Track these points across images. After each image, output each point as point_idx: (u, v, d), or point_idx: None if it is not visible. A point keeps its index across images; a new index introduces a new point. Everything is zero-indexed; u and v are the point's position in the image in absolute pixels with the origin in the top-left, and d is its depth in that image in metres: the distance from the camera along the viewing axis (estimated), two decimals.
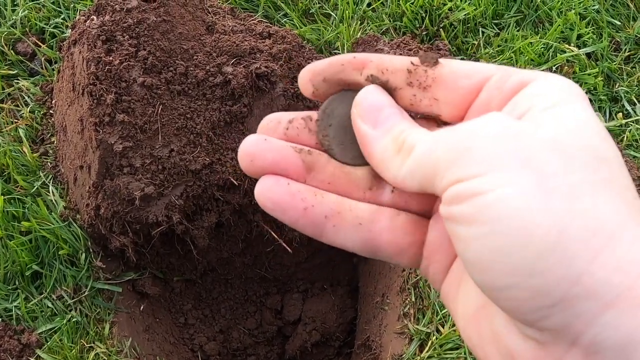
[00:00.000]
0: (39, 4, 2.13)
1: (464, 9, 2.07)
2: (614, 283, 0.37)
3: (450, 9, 2.09)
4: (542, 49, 2.01)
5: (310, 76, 0.53)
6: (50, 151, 1.89)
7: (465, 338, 0.48)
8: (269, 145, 0.51)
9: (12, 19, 2.09)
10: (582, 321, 0.38)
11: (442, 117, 0.52)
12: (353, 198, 0.52)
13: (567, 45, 2.03)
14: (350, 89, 0.53)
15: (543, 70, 1.99)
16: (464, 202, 0.41)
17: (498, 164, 0.40)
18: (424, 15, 2.08)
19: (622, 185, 0.40)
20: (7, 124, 1.91)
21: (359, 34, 2.05)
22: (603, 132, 0.42)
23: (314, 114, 0.54)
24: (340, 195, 0.52)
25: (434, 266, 0.51)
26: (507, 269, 0.39)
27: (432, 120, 0.53)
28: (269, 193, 0.49)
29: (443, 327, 1.64)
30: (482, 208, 0.39)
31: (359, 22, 2.09)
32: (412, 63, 0.51)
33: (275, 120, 0.53)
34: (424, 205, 0.52)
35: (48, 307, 1.68)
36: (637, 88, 1.98)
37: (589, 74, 1.97)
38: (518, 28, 2.09)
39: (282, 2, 2.12)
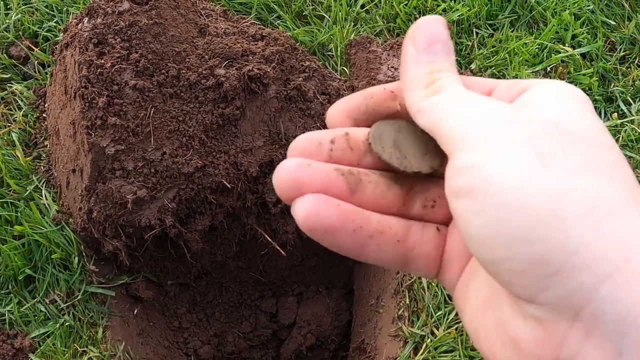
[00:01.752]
0: (32, 7, 2.13)
1: (458, 9, 2.07)
2: (611, 256, 0.38)
3: (444, 10, 2.09)
4: (537, 49, 2.01)
5: (347, 113, 0.53)
6: (43, 155, 1.89)
7: (472, 332, 0.48)
8: (314, 170, 0.48)
9: (5, 22, 2.09)
10: (581, 295, 0.38)
11: None
12: (388, 214, 0.51)
13: (561, 46, 2.02)
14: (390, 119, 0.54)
15: (537, 70, 1.98)
16: (464, 174, 0.42)
17: (500, 142, 0.41)
18: (417, 16, 2.08)
19: (624, 172, 0.41)
20: (0, 127, 1.91)
21: (353, 35, 2.04)
22: (600, 123, 0.44)
23: (351, 130, 0.52)
24: (384, 210, 0.51)
25: (450, 272, 0.52)
26: (504, 240, 0.40)
27: None
28: (320, 217, 0.46)
29: (437, 330, 1.64)
30: (481, 181, 0.41)
31: (353, 23, 2.08)
32: None
33: (315, 141, 0.50)
34: (446, 216, 0.52)
35: (41, 311, 1.68)
36: (632, 88, 1.98)
37: (583, 74, 1.97)
38: (512, 29, 2.09)
39: (275, 4, 2.12)
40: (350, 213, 0.48)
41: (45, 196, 1.80)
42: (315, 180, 0.47)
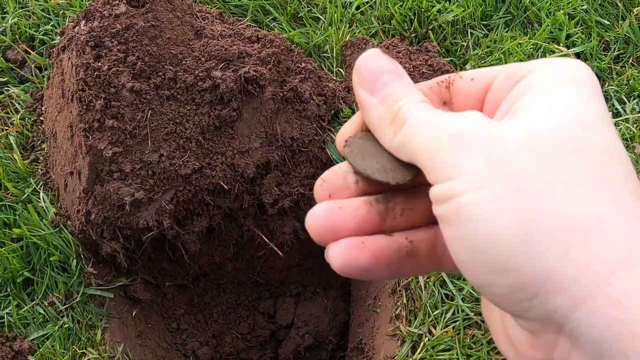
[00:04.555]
0: (28, 11, 2.13)
1: (453, 10, 2.08)
2: (582, 281, 0.38)
3: (439, 11, 2.10)
4: (531, 49, 2.02)
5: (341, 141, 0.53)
6: (41, 158, 1.89)
7: (487, 322, 0.51)
8: (346, 213, 0.49)
9: (2, 26, 2.09)
10: (559, 315, 0.39)
11: None
12: (418, 223, 0.51)
13: (556, 46, 2.03)
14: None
15: None
16: (444, 203, 0.43)
17: (471, 166, 0.41)
18: (412, 17, 2.09)
19: (607, 177, 0.40)
20: None
21: (348, 37, 2.05)
22: (589, 121, 0.42)
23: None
24: (413, 224, 0.51)
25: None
26: (483, 268, 0.41)
27: None
28: (356, 262, 0.48)
29: (435, 329, 1.64)
30: (456, 210, 0.41)
31: (348, 25, 2.09)
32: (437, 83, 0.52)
33: (339, 177, 0.52)
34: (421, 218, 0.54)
35: (40, 313, 1.68)
36: (626, 87, 1.99)
37: None
38: (507, 29, 2.10)
39: (271, 6, 2.13)
40: (380, 249, 0.49)
41: (43, 199, 1.80)
42: (350, 222, 0.49)
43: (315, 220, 0.48)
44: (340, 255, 0.47)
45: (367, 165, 0.50)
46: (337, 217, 0.48)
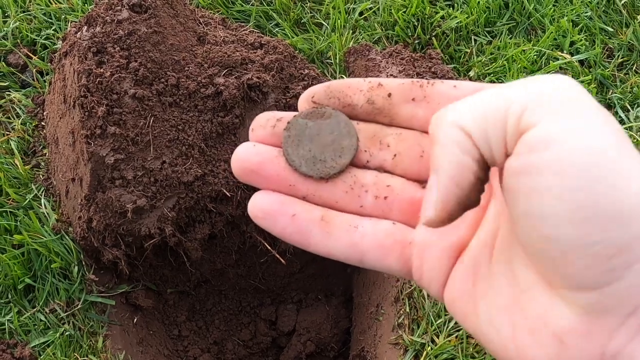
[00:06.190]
0: (30, 15, 2.13)
1: (456, 17, 2.07)
2: None
3: (442, 17, 2.09)
4: (535, 56, 2.01)
5: (307, 100, 0.56)
6: (42, 163, 1.89)
7: (491, 333, 0.45)
8: (256, 149, 0.53)
9: (4, 30, 2.09)
10: None
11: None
12: (336, 207, 0.52)
13: (559, 53, 2.02)
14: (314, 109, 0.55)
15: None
16: (545, 149, 0.38)
17: (574, 110, 0.39)
18: (416, 23, 2.08)
19: None
20: None
21: (351, 43, 2.05)
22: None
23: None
24: (325, 203, 0.53)
25: (428, 265, 0.50)
26: (600, 222, 0.36)
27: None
28: (260, 203, 0.51)
29: (438, 338, 1.64)
30: (565, 156, 0.37)
31: (351, 31, 2.08)
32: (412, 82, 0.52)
33: (264, 118, 0.55)
34: (405, 215, 0.52)
35: (41, 320, 1.67)
36: (630, 94, 1.98)
37: (582, 81, 1.97)
38: (510, 36, 2.09)
39: (274, 12, 2.12)
40: (289, 201, 0.52)
41: (45, 205, 1.79)
42: (253, 157, 0.53)
43: (234, 154, 0.53)
44: (253, 199, 0.52)
45: (298, 155, 0.53)
46: (248, 151, 0.53)
